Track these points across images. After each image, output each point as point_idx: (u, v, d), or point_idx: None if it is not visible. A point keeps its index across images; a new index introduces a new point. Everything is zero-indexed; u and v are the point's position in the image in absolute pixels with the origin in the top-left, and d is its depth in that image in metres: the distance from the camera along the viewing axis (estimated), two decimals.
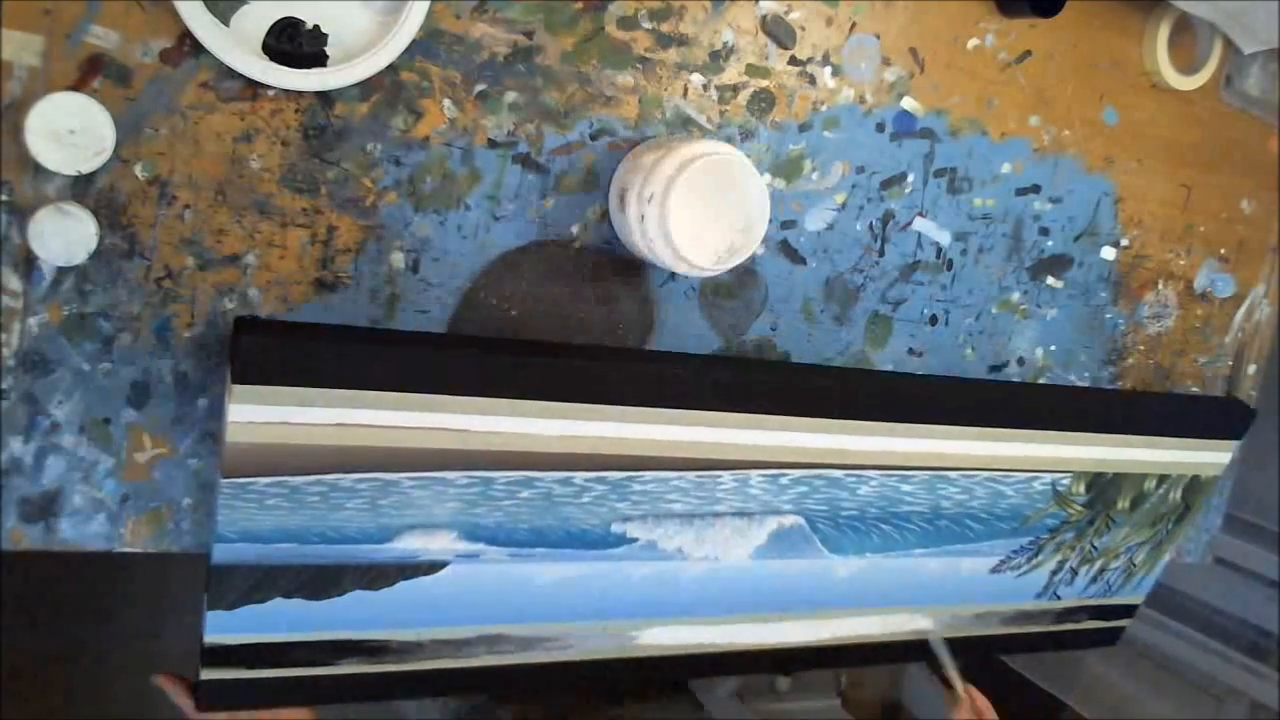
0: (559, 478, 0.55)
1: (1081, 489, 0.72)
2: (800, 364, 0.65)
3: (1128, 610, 0.83)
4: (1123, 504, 0.75)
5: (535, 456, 0.54)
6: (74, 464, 0.51)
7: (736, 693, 1.62)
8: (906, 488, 0.65)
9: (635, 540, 0.59)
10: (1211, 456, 0.76)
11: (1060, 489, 0.71)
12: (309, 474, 0.50)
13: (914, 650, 0.74)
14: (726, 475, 0.59)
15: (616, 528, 0.58)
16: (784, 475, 0.61)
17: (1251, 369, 0.86)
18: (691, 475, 0.58)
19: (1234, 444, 0.76)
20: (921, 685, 1.74)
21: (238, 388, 0.47)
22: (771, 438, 0.59)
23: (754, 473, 0.60)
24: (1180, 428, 0.73)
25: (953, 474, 0.66)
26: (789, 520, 0.62)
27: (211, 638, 0.53)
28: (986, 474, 0.67)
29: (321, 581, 0.53)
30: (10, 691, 1.17)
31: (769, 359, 0.65)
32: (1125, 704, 1.50)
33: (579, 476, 0.56)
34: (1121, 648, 0.86)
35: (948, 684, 0.71)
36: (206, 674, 0.54)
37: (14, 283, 0.48)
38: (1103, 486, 0.73)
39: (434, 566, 0.55)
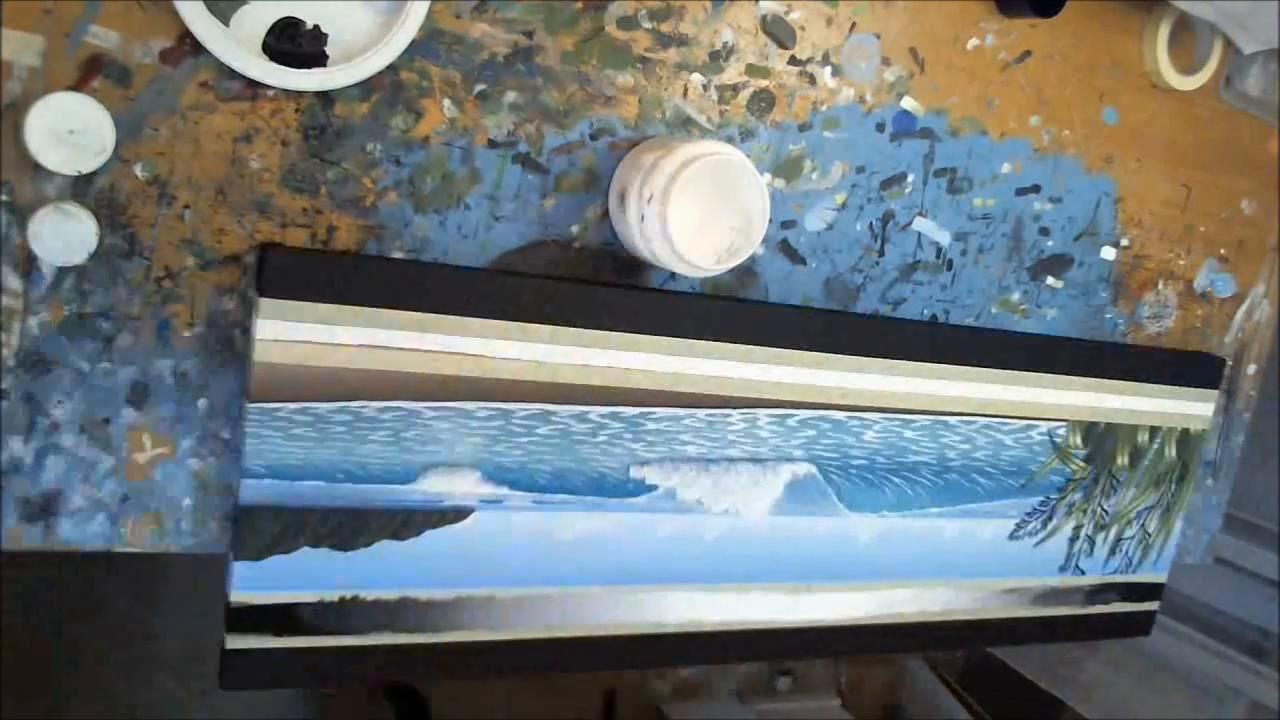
0: (575, 412, 0.57)
1: (1079, 440, 0.74)
2: (796, 305, 0.67)
3: (1153, 591, 0.84)
4: (1121, 459, 0.77)
5: (551, 388, 0.56)
6: (74, 464, 0.51)
7: (736, 692, 1.62)
8: (909, 434, 0.67)
9: (655, 488, 0.60)
10: (1194, 408, 0.79)
11: (1058, 440, 0.73)
12: (333, 400, 0.52)
13: (950, 636, 0.75)
14: (735, 415, 0.61)
15: (635, 472, 0.59)
16: (790, 416, 0.62)
17: (1251, 369, 0.86)
18: (702, 414, 0.60)
19: (1214, 395, 0.79)
20: (922, 685, 1.74)
21: (264, 301, 0.49)
22: (775, 373, 0.61)
23: (762, 413, 0.62)
24: (1158, 376, 0.76)
25: (952, 419, 0.68)
26: (802, 469, 0.64)
27: (238, 595, 0.52)
28: (984, 421, 0.69)
29: (349, 528, 0.54)
30: (10, 691, 1.17)
31: (770, 301, 0.66)
32: (1125, 704, 1.50)
33: (594, 412, 0.57)
34: (1121, 647, 0.86)
35: None
36: (232, 642, 0.53)
37: (14, 283, 0.48)
38: (1099, 438, 0.75)
39: (459, 514, 0.56)
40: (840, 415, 0.64)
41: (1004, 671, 1.56)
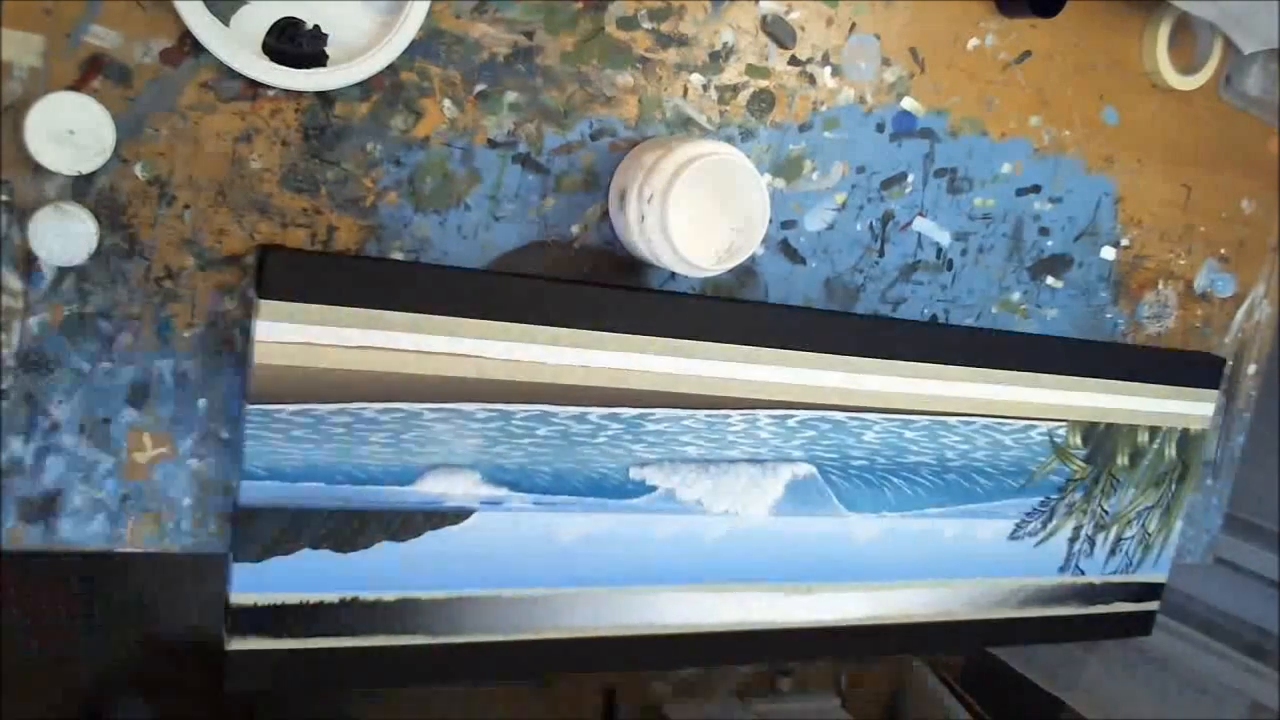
0: (574, 414, 0.57)
1: (1078, 440, 0.74)
2: (796, 305, 0.67)
3: (1153, 591, 0.84)
4: (1122, 460, 0.77)
5: (550, 389, 0.56)
6: (74, 464, 0.51)
7: (736, 692, 1.62)
8: (909, 434, 0.67)
9: (655, 489, 0.60)
10: (1194, 408, 0.79)
11: (1058, 440, 0.73)
12: (333, 401, 0.52)
13: (950, 636, 0.75)
14: (735, 415, 0.61)
15: (635, 473, 0.59)
16: (790, 417, 0.63)
17: (1251, 369, 0.86)
18: (702, 415, 0.60)
19: (1214, 395, 0.79)
20: (922, 685, 1.74)
21: (264, 303, 0.49)
22: (775, 374, 0.61)
23: (761, 413, 0.62)
24: (1158, 376, 0.76)
25: (951, 420, 0.68)
26: (802, 470, 0.64)
27: (238, 596, 0.52)
28: (984, 421, 0.69)
29: (348, 529, 0.54)
30: (10, 691, 1.17)
31: (770, 301, 0.66)
32: (1125, 704, 1.50)
33: (594, 413, 0.57)
34: (1121, 647, 0.86)
35: None
36: (234, 645, 0.53)
37: (14, 283, 0.48)
38: (1099, 439, 0.75)
39: (459, 515, 0.56)
40: (840, 416, 0.64)
41: (1004, 671, 1.56)
